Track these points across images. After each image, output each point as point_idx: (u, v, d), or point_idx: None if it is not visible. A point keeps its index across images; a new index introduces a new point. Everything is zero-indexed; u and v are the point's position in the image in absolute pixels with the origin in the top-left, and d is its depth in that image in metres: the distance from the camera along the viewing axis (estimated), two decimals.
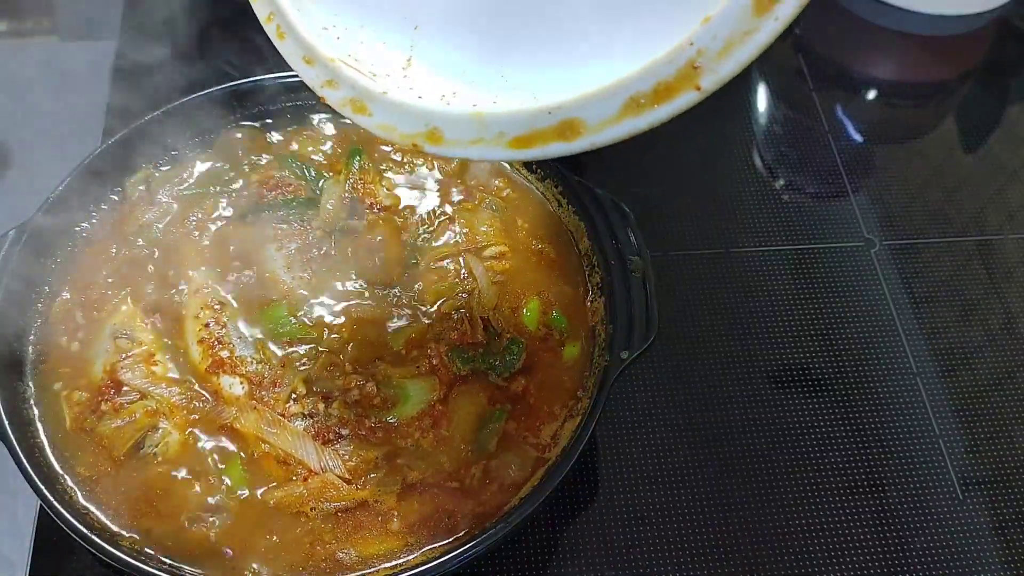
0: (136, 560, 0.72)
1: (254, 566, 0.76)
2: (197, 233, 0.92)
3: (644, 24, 0.54)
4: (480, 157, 0.58)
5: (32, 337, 0.85)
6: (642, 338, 0.82)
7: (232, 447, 0.81)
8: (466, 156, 0.59)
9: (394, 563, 0.76)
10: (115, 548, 0.72)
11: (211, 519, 0.78)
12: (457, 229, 0.94)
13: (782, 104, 1.26)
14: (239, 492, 0.79)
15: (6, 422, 0.77)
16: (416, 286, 0.90)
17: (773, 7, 0.48)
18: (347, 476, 0.79)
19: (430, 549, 0.77)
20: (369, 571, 0.76)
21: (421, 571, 0.72)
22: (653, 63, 0.51)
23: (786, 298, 1.04)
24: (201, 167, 0.97)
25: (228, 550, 0.76)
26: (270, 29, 0.66)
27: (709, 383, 0.97)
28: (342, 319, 0.88)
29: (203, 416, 0.82)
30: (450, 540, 0.77)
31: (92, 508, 0.77)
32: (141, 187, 0.94)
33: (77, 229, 0.91)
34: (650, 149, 1.17)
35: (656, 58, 0.51)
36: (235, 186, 0.96)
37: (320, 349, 0.86)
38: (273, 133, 1.00)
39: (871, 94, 1.29)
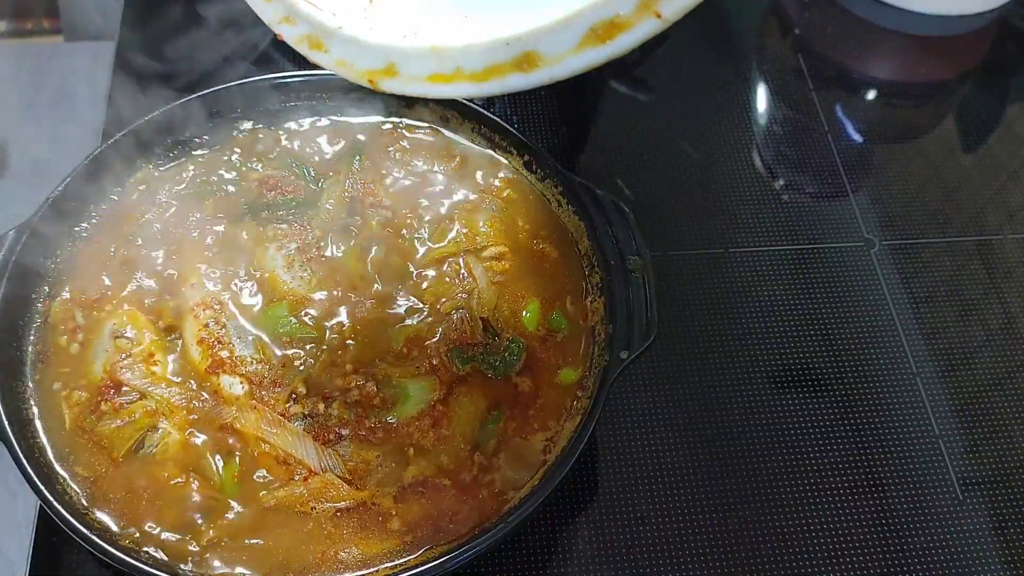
0: (136, 560, 0.72)
1: (254, 565, 0.76)
2: (197, 233, 0.92)
3: None
4: (438, 94, 0.57)
5: (32, 337, 0.85)
6: (642, 338, 0.82)
7: (232, 447, 0.81)
8: (423, 93, 0.58)
9: (394, 563, 0.76)
10: (115, 548, 0.72)
11: (211, 519, 0.78)
12: (457, 229, 0.94)
13: (782, 104, 1.26)
14: (239, 492, 0.79)
15: (6, 422, 0.77)
16: (416, 286, 0.90)
17: None
18: (347, 476, 0.79)
19: (430, 549, 0.77)
20: (369, 571, 0.76)
21: (421, 571, 0.72)
22: None
23: (786, 298, 1.04)
24: (201, 167, 0.97)
25: (228, 549, 0.77)
26: None
27: (709, 383, 0.97)
28: (342, 319, 0.88)
29: (203, 416, 0.82)
30: (450, 540, 0.77)
31: (92, 508, 0.77)
32: (141, 187, 0.94)
33: (77, 229, 0.91)
34: (650, 149, 1.17)
35: None
36: (235, 186, 0.96)
37: (320, 349, 0.86)
38: (273, 133, 1.00)
39: (871, 94, 1.29)
